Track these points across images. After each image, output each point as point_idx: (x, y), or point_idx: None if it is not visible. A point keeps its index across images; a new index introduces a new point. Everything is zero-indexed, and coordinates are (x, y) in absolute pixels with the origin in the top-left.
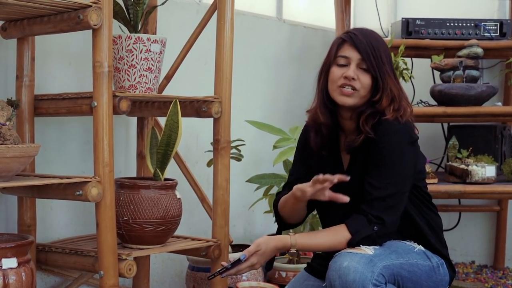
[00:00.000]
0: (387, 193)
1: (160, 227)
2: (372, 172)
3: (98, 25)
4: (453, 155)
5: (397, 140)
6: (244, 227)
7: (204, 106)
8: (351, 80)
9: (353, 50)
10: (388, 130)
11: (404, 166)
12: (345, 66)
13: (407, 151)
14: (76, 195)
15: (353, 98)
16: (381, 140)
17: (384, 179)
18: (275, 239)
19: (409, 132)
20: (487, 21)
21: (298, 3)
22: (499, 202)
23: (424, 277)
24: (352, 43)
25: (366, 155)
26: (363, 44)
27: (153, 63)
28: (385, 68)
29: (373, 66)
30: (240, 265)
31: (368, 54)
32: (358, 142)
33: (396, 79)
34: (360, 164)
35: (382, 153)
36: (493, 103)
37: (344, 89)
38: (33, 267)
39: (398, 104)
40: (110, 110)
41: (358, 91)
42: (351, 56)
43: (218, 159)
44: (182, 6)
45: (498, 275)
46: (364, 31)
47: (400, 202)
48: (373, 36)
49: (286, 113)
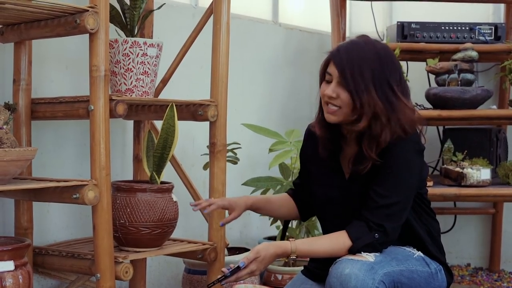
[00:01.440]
0: (391, 201)
1: (157, 230)
2: (378, 180)
3: (95, 29)
4: (448, 158)
5: (405, 151)
6: (240, 230)
7: (200, 109)
8: (331, 98)
9: (334, 67)
10: (395, 142)
11: (411, 176)
12: (330, 82)
13: (414, 161)
14: (73, 198)
15: (337, 116)
16: (388, 152)
17: (390, 188)
18: (274, 245)
19: (417, 142)
20: (482, 24)
21: (294, 7)
22: (495, 205)
23: (423, 283)
24: (333, 59)
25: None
26: (343, 61)
27: (150, 67)
28: (366, 84)
29: (347, 83)
30: (240, 272)
31: (343, 71)
32: (365, 170)
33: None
34: (362, 175)
35: (389, 163)
36: (488, 106)
37: (328, 107)
38: (30, 270)
39: (386, 118)
40: (106, 113)
41: (341, 109)
42: (333, 73)
43: (214, 162)
44: (178, 10)
45: (493, 278)
46: (351, 46)
47: (404, 211)
48: (359, 50)
49: (282, 117)
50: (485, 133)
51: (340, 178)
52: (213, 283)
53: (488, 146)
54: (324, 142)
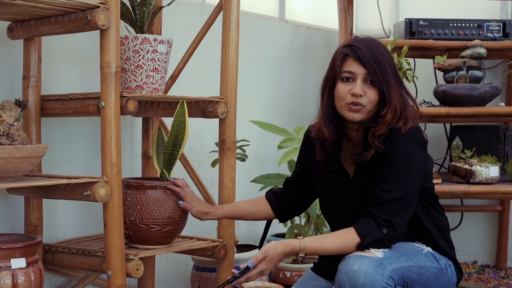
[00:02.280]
0: (397, 196)
1: (167, 227)
2: (382, 175)
3: (106, 25)
4: (456, 155)
5: (407, 144)
6: (247, 227)
7: (210, 106)
8: (358, 97)
9: (358, 64)
10: (398, 136)
11: (414, 169)
12: (350, 81)
13: (417, 155)
14: (84, 196)
15: (361, 113)
16: (391, 146)
17: (394, 183)
18: (283, 244)
19: (419, 135)
20: (490, 21)
21: (301, 3)
22: (501, 202)
23: (432, 279)
24: (356, 57)
25: (372, 162)
26: (368, 58)
27: (160, 63)
28: (390, 80)
29: (379, 81)
30: (249, 273)
31: (373, 69)
32: (368, 156)
33: (401, 85)
34: (366, 171)
35: (393, 158)
36: (496, 103)
37: (352, 106)
38: (41, 267)
39: (403, 114)
40: (117, 110)
41: (365, 107)
42: (356, 71)
43: (224, 159)
44: (186, 7)
45: (500, 275)
46: (367, 43)
47: (410, 205)
48: (376, 47)
49: (289, 113)
50: (493, 131)
51: (345, 178)
52: (223, 285)
53: (496, 143)
54: (327, 144)
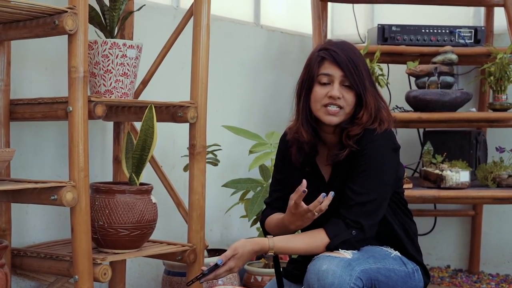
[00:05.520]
0: (368, 199)
1: (135, 232)
2: (354, 178)
3: (74, 30)
4: (427, 161)
5: (380, 147)
6: (221, 232)
7: (180, 111)
8: (336, 99)
9: (335, 67)
10: (371, 138)
11: (386, 173)
12: (328, 84)
13: (390, 158)
14: (51, 200)
15: (339, 116)
16: (365, 148)
17: (366, 185)
18: (252, 242)
19: (392, 139)
20: (462, 27)
21: (276, 9)
22: (474, 207)
23: (400, 282)
24: (333, 60)
25: (348, 165)
26: (345, 61)
27: (129, 68)
28: (366, 83)
29: (356, 83)
30: (218, 270)
31: (350, 71)
32: (343, 156)
33: (375, 89)
34: (341, 175)
35: (365, 160)
36: (467, 109)
37: (329, 108)
38: (7, 272)
39: (378, 116)
40: (85, 115)
41: (343, 109)
42: (333, 74)
43: (194, 164)
44: (159, 11)
45: (473, 280)
46: (343, 46)
47: (380, 208)
48: (351, 50)
49: (263, 118)
50: (465, 136)
51: (320, 181)
52: (192, 282)
53: (468, 148)
54: (304, 146)
